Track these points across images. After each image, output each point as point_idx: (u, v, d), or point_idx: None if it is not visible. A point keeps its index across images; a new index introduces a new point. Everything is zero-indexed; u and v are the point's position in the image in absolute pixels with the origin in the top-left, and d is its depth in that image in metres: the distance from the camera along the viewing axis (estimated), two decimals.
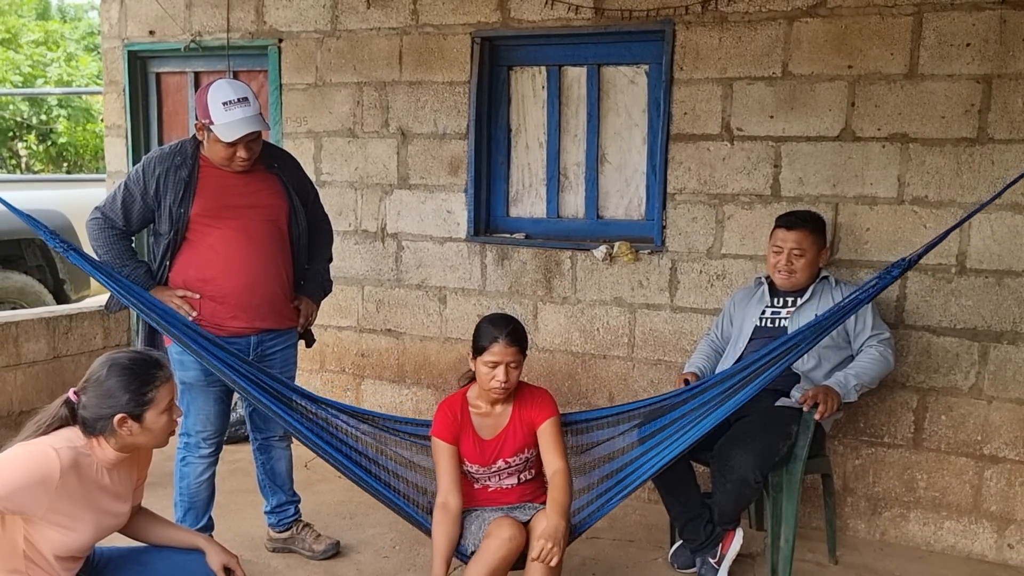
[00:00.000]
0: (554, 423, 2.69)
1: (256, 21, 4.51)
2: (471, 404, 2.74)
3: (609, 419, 2.89)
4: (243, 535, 3.42)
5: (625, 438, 2.85)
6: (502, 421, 2.71)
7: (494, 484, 2.76)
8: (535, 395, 2.75)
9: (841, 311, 2.67)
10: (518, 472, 2.76)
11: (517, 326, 2.67)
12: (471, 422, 2.72)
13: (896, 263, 2.61)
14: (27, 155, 15.61)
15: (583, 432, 2.91)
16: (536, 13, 3.91)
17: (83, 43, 16.52)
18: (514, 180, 4.21)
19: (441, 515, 2.61)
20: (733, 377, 2.74)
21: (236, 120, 2.83)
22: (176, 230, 2.92)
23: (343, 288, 4.42)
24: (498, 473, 2.74)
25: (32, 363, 4.30)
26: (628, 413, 2.88)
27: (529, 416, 2.70)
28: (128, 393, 2.08)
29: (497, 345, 2.60)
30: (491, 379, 2.62)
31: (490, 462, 2.72)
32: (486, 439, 2.71)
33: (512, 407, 2.72)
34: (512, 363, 2.62)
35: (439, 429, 2.71)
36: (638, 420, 2.85)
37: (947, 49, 3.28)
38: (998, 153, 3.25)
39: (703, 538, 3.07)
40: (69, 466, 2.04)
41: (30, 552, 2.05)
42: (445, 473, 2.66)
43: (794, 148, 3.53)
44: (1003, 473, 3.36)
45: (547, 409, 2.71)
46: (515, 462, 2.73)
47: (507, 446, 2.71)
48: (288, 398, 2.84)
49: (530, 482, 2.79)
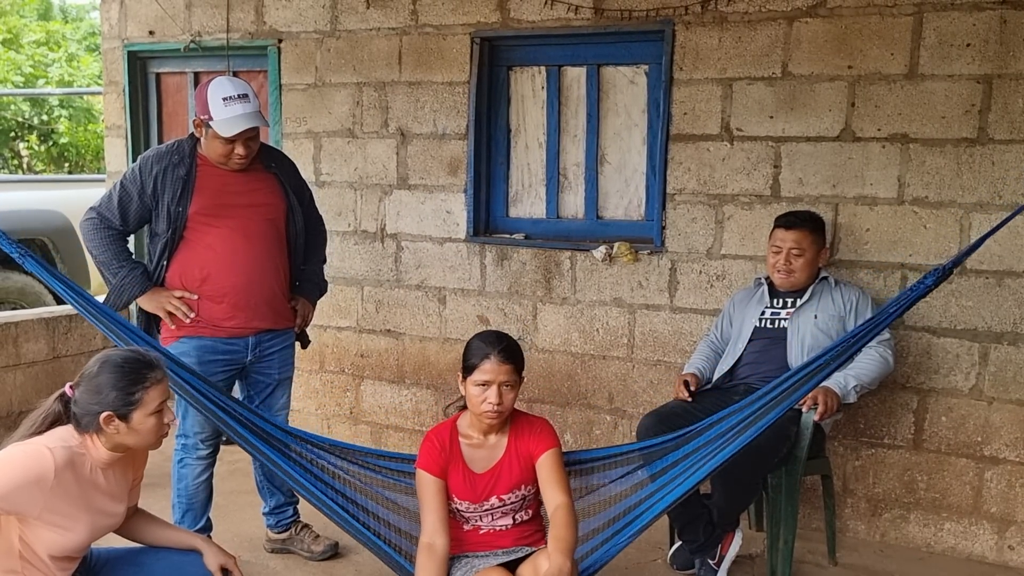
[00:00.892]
0: (555, 455, 2.43)
1: (256, 21, 4.51)
2: (461, 434, 2.46)
3: (616, 459, 2.65)
4: (242, 536, 3.41)
5: (632, 477, 2.62)
6: (496, 453, 2.44)
7: (486, 525, 2.48)
8: (533, 425, 2.48)
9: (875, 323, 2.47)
10: (513, 512, 2.48)
11: (512, 343, 2.43)
12: (461, 454, 2.45)
13: (930, 272, 2.42)
14: (28, 155, 15.62)
15: (587, 473, 2.66)
16: (536, 13, 3.90)
17: (84, 43, 16.53)
18: (513, 180, 4.20)
19: (426, 558, 2.33)
20: (752, 405, 2.53)
21: (236, 116, 2.83)
22: (174, 229, 2.92)
23: (342, 288, 4.41)
24: (491, 512, 2.46)
25: (32, 363, 4.30)
26: (635, 453, 2.64)
27: (527, 448, 2.43)
28: (116, 391, 2.07)
29: (488, 362, 2.35)
30: (482, 402, 2.35)
31: (482, 499, 2.44)
32: (478, 473, 2.44)
33: (508, 437, 2.45)
34: (506, 383, 2.35)
35: (425, 460, 2.43)
36: (643, 461, 2.62)
37: (947, 49, 3.27)
38: (998, 154, 3.24)
39: (702, 539, 3.06)
40: (64, 465, 2.03)
41: (26, 553, 2.05)
42: (431, 511, 2.39)
43: (794, 148, 3.53)
44: (1003, 474, 3.35)
45: (547, 440, 2.44)
46: (510, 500, 2.46)
47: (501, 481, 2.44)
48: (268, 433, 2.70)
49: (527, 523, 2.52)
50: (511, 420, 2.47)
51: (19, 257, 2.54)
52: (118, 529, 2.31)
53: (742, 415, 2.52)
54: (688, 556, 3.15)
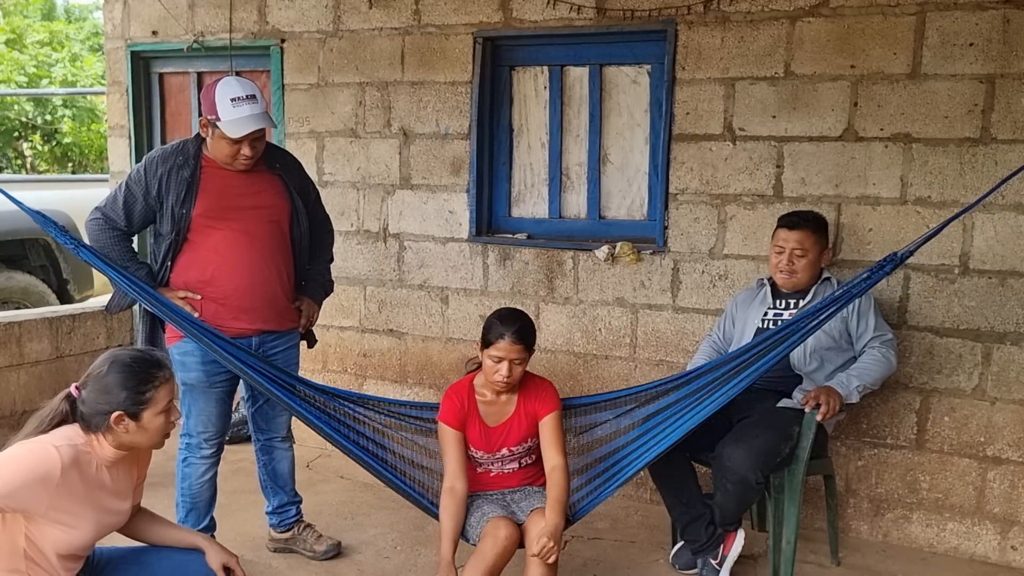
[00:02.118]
0: (556, 418, 2.76)
1: (258, 21, 4.52)
2: (477, 392, 2.79)
3: (607, 403, 2.96)
4: (245, 535, 3.42)
5: (622, 421, 2.92)
6: (507, 410, 2.78)
7: (496, 469, 2.84)
8: (540, 387, 2.81)
9: (834, 302, 2.70)
10: (520, 458, 2.84)
11: (525, 324, 2.73)
12: (477, 409, 2.78)
13: (887, 258, 2.64)
14: (32, 155, 15.65)
15: (581, 414, 2.98)
16: (538, 13, 3.90)
17: (88, 43, 16.55)
18: (516, 180, 4.20)
19: (448, 499, 2.67)
20: (730, 363, 2.77)
21: (244, 117, 2.82)
22: (178, 230, 2.92)
23: (345, 288, 4.42)
24: (501, 460, 2.82)
25: (35, 363, 4.31)
26: (626, 397, 2.94)
27: (533, 407, 2.77)
28: (126, 391, 2.09)
29: (503, 341, 2.66)
30: (494, 373, 2.69)
31: (495, 449, 2.79)
32: (491, 427, 2.78)
33: (517, 397, 2.78)
34: (516, 360, 2.67)
35: (446, 415, 2.77)
36: (635, 404, 2.91)
37: (950, 49, 3.26)
38: (1001, 153, 3.24)
39: (704, 539, 3.06)
40: (70, 464, 2.04)
41: (31, 551, 2.06)
42: (451, 459, 2.73)
43: (796, 148, 3.52)
44: (1006, 475, 3.35)
45: (550, 402, 2.78)
46: (518, 450, 2.81)
47: (512, 435, 2.78)
48: (293, 387, 2.91)
49: (531, 466, 2.87)
50: (521, 381, 2.78)
51: (74, 249, 2.71)
52: (121, 528, 2.32)
53: (732, 364, 2.75)
54: (690, 556, 3.15)
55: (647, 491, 3.86)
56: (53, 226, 2.68)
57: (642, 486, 3.88)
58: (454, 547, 2.64)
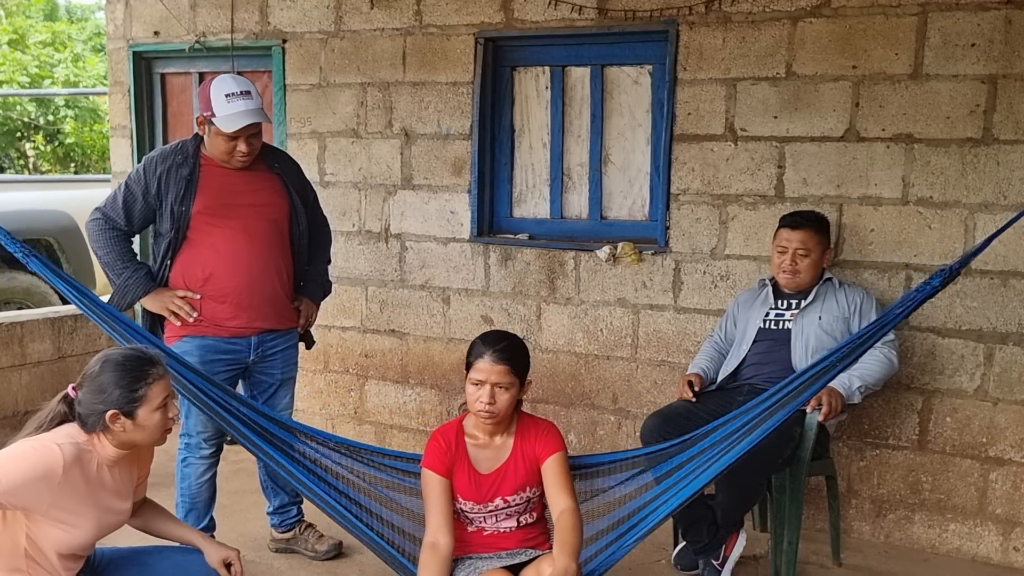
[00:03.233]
0: (560, 459, 2.43)
1: (260, 22, 4.52)
2: (468, 434, 2.46)
3: (621, 463, 2.64)
4: (246, 535, 3.42)
5: (638, 480, 2.61)
6: (502, 454, 2.45)
7: (490, 527, 2.48)
8: (539, 427, 2.48)
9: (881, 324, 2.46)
10: (518, 514, 2.48)
11: (512, 344, 2.41)
12: (467, 453, 2.45)
13: (936, 273, 2.38)
14: (34, 155, 15.66)
15: (592, 476, 2.65)
16: (539, 13, 3.90)
17: (90, 44, 16.56)
18: (517, 181, 4.20)
19: (429, 556, 2.32)
20: (758, 407, 2.50)
21: (238, 112, 2.84)
22: (177, 229, 2.92)
23: (347, 288, 4.42)
24: (495, 513, 2.46)
25: (37, 363, 4.32)
26: (640, 458, 2.63)
27: (532, 450, 2.44)
28: (119, 389, 2.09)
29: (482, 361, 2.35)
30: (476, 400, 2.36)
31: (487, 499, 2.44)
32: (483, 473, 2.44)
33: (514, 439, 2.45)
34: (499, 384, 2.34)
35: (430, 459, 2.43)
36: (648, 465, 2.61)
37: (952, 49, 3.26)
38: (1003, 154, 3.23)
39: (706, 540, 3.06)
40: (72, 461, 2.05)
41: (32, 551, 2.06)
42: (435, 510, 2.38)
43: (798, 148, 3.52)
44: (1008, 475, 3.34)
45: (553, 443, 2.44)
46: (515, 502, 2.46)
47: (507, 482, 2.44)
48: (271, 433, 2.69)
49: (531, 526, 2.52)
50: (517, 422, 2.48)
51: (23, 257, 2.54)
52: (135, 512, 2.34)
53: (747, 417, 2.50)
54: (692, 557, 3.15)
55: None
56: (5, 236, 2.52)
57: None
58: None
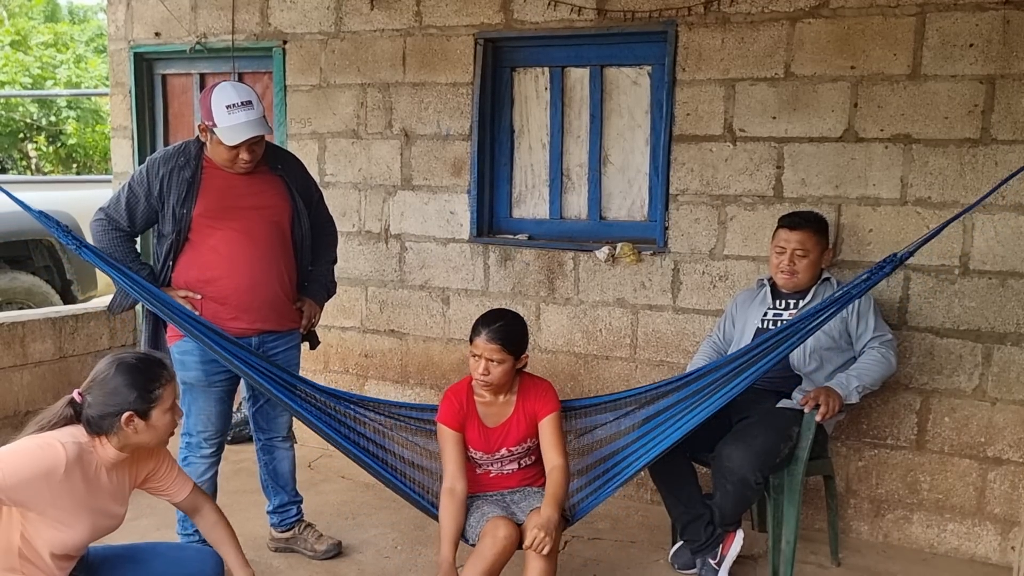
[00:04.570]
0: (556, 418, 2.76)
1: (261, 23, 4.53)
2: (476, 393, 2.77)
3: (608, 404, 2.97)
4: (246, 535, 3.40)
5: (622, 422, 2.93)
6: (506, 411, 2.77)
7: (496, 470, 2.84)
8: (539, 387, 2.80)
9: (834, 303, 2.72)
10: (519, 459, 2.83)
11: (507, 324, 2.70)
12: (476, 410, 2.77)
13: (887, 259, 2.64)
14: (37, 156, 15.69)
15: (582, 416, 2.98)
16: (539, 14, 3.91)
17: (92, 45, 16.59)
18: (517, 181, 4.21)
19: (448, 500, 2.67)
20: (730, 364, 2.79)
21: (239, 124, 2.83)
22: (179, 230, 2.93)
23: (347, 289, 4.43)
24: (500, 460, 2.81)
25: (39, 363, 4.33)
26: (626, 399, 2.94)
27: (532, 408, 2.77)
28: (136, 391, 2.13)
29: (479, 338, 2.66)
30: (474, 370, 2.69)
31: (494, 450, 2.79)
32: (490, 427, 2.78)
33: (516, 397, 2.77)
34: (492, 359, 2.65)
35: (445, 416, 2.76)
36: (635, 405, 2.92)
37: (950, 50, 3.27)
38: (1001, 154, 3.24)
39: (704, 539, 3.06)
40: (74, 461, 2.07)
41: (26, 550, 2.07)
42: (451, 459, 2.72)
43: (797, 149, 3.53)
44: (1007, 475, 3.35)
45: (550, 403, 2.77)
46: (517, 451, 2.80)
47: (511, 435, 2.78)
48: (293, 387, 2.92)
49: (530, 467, 2.87)
50: (520, 381, 2.79)
51: (76, 248, 2.73)
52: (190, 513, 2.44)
53: (731, 366, 2.77)
54: (690, 556, 3.16)
55: (647, 491, 3.87)
56: (56, 226, 2.69)
57: (642, 486, 3.88)
58: (454, 548, 2.64)
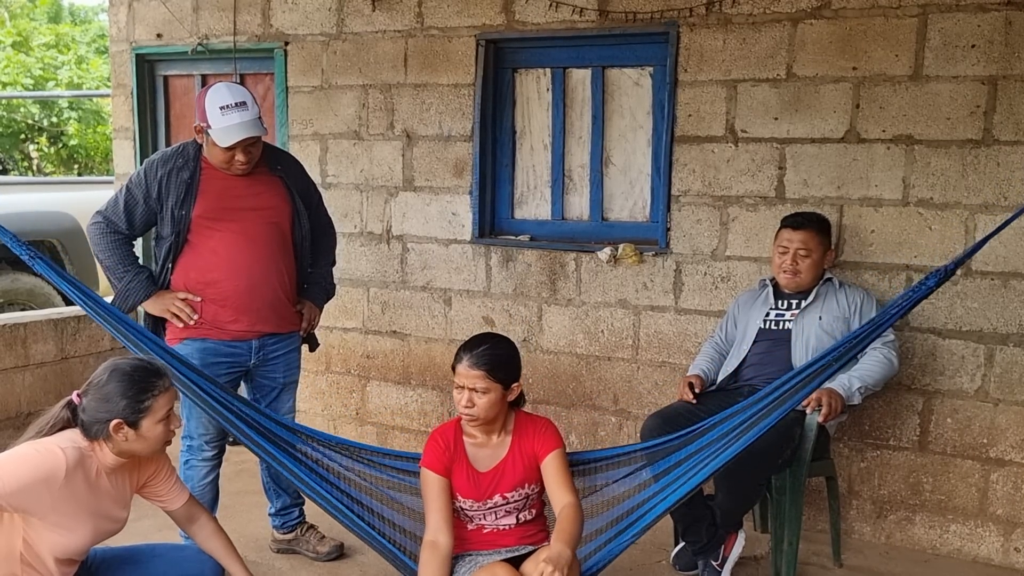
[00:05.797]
0: (560, 456, 2.46)
1: (262, 24, 4.53)
2: (466, 433, 2.49)
3: (620, 459, 2.66)
4: (248, 536, 3.43)
5: (636, 477, 2.63)
6: (500, 452, 2.47)
7: (490, 524, 2.50)
8: (537, 425, 2.51)
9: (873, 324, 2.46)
10: (517, 511, 2.50)
11: (491, 348, 2.43)
12: (465, 452, 2.47)
13: (932, 273, 2.38)
14: (38, 157, 15.72)
15: (591, 473, 2.67)
16: (540, 15, 3.91)
17: (94, 46, 16.61)
18: (519, 182, 4.21)
19: (429, 555, 2.35)
20: (756, 405, 2.51)
21: (233, 125, 2.82)
22: (178, 233, 2.93)
23: (348, 290, 4.43)
24: (494, 510, 2.48)
25: (40, 364, 4.33)
26: (638, 453, 2.65)
27: (531, 448, 2.46)
28: (125, 399, 2.10)
29: (460, 366, 2.39)
30: (457, 403, 2.40)
31: (485, 497, 2.46)
32: (481, 471, 2.47)
33: (511, 437, 2.48)
34: (475, 389, 2.36)
35: (429, 459, 2.46)
36: (647, 461, 2.63)
37: (952, 50, 3.26)
38: (1004, 155, 3.23)
39: (705, 540, 3.06)
40: (75, 465, 2.07)
41: (28, 555, 2.07)
42: (435, 509, 2.41)
43: (799, 150, 3.53)
44: (1009, 476, 3.34)
45: (551, 441, 2.46)
46: (513, 498, 2.48)
47: (505, 480, 2.46)
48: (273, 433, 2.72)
49: (530, 523, 2.54)
50: (515, 420, 2.51)
51: (29, 259, 2.56)
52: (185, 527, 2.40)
53: (746, 415, 2.52)
54: (691, 557, 3.15)
55: None
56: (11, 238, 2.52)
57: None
58: None
